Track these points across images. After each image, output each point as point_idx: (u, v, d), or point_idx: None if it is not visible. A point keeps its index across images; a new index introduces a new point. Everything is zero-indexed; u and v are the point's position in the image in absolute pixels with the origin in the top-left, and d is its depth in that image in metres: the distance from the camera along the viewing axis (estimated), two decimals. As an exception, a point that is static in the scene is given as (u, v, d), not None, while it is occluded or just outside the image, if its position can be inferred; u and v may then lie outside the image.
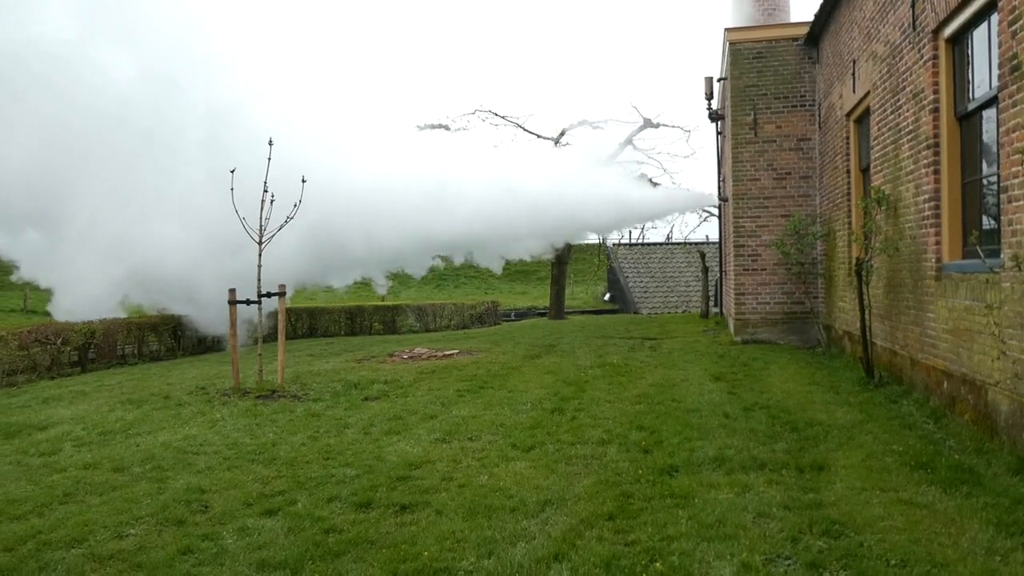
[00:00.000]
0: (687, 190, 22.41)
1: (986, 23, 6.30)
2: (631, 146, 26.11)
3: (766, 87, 13.60)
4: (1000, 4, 5.56)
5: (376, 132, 18.77)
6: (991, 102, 6.17)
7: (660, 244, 37.72)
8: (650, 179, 24.58)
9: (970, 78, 6.82)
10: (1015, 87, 5.32)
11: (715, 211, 25.15)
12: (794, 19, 15.98)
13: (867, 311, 8.79)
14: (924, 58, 7.38)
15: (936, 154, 7.24)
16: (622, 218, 19.89)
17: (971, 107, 6.71)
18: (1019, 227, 5.28)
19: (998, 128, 5.73)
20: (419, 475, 5.70)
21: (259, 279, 10.26)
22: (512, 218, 16.81)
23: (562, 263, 25.57)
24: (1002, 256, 5.59)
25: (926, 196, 7.39)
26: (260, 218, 10.05)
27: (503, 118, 26.20)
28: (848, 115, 11.00)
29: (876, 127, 9.27)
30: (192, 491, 5.47)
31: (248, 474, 5.92)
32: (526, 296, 36.89)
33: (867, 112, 9.90)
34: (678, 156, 58.32)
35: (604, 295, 36.48)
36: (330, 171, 14.75)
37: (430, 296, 33.31)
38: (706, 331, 16.28)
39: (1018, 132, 5.26)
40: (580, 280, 37.90)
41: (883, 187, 8.81)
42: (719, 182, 18.91)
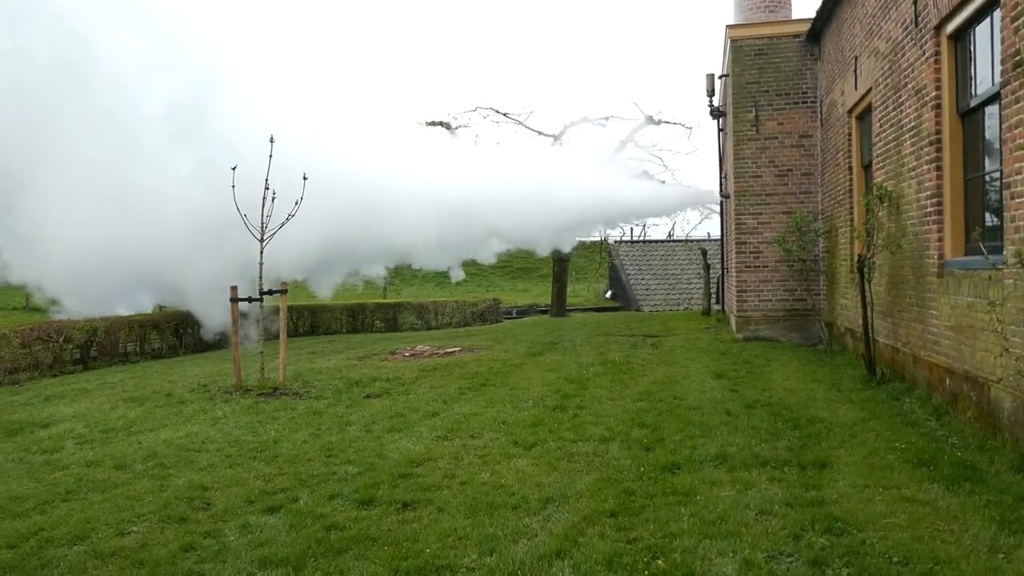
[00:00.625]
0: (688, 187, 22.38)
1: (988, 19, 6.28)
2: (633, 143, 26.09)
3: (768, 84, 13.58)
4: (1003, 0, 5.54)
5: (378, 128, 18.70)
6: (993, 98, 6.16)
7: (662, 241, 37.68)
8: (661, 179, 24.57)
9: (972, 74, 6.80)
10: (1018, 83, 5.30)
11: (717, 208, 25.12)
12: (796, 16, 15.95)
13: (869, 308, 8.78)
14: (926, 54, 7.36)
15: (938, 150, 7.23)
16: (620, 215, 19.88)
17: (973, 103, 6.69)
18: (1022, 223, 5.26)
19: (1000, 124, 5.71)
20: (421, 472, 5.70)
21: (260, 276, 10.27)
22: (513, 215, 16.79)
23: (563, 260, 25.55)
24: (1005, 253, 5.58)
25: (928, 193, 7.37)
26: (262, 215, 10.04)
27: (504, 115, 26.17)
28: (850, 112, 10.98)
29: (878, 124, 9.25)
30: (194, 488, 5.47)
31: (250, 471, 5.92)
32: (527, 294, 36.87)
33: (869, 109, 9.88)
34: (680, 153, 58.18)
35: (606, 292, 36.45)
36: (334, 168, 14.73)
37: (431, 294, 33.28)
38: (708, 328, 16.27)
39: (1021, 128, 5.24)
40: (582, 277, 37.85)
41: (885, 184, 8.80)
42: (721, 179, 18.88)
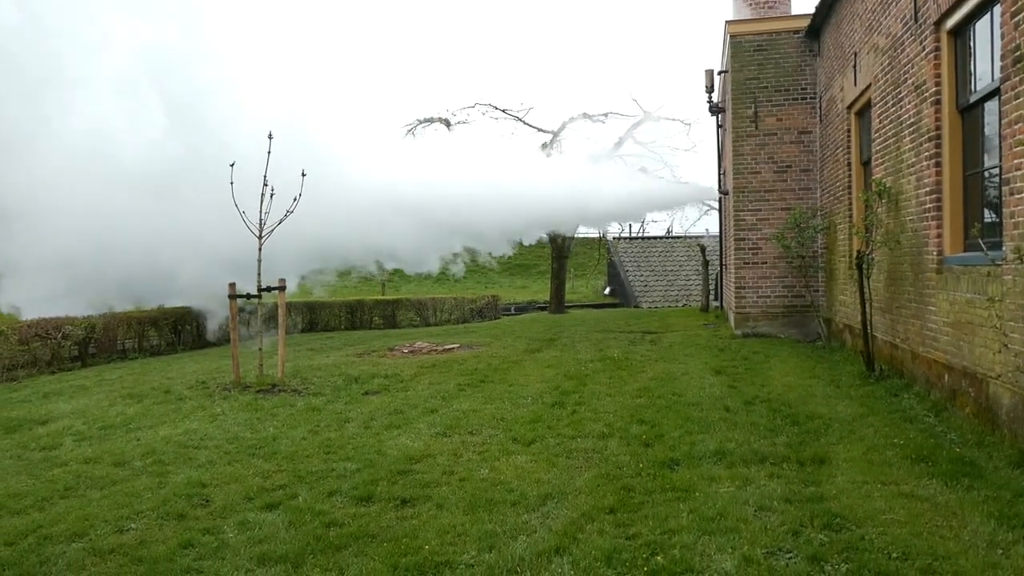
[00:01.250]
0: (687, 183, 22.37)
1: (988, 15, 6.27)
2: (632, 139, 26.09)
3: (767, 80, 13.57)
4: (1003, -5, 5.53)
5: (376, 125, 18.71)
6: (993, 94, 6.15)
7: (660, 238, 37.68)
8: (659, 175, 24.57)
9: (972, 70, 6.79)
10: (1018, 79, 5.30)
11: (716, 204, 25.12)
12: (795, 11, 15.93)
13: (868, 304, 8.78)
14: (926, 50, 7.35)
15: (938, 146, 7.22)
16: (622, 212, 19.89)
17: (973, 99, 6.68)
18: (1021, 220, 5.26)
19: (1000, 120, 5.71)
20: (420, 469, 5.70)
21: (259, 273, 10.25)
22: (508, 210, 16.78)
23: (562, 257, 25.56)
24: (1004, 249, 5.57)
25: (927, 189, 7.37)
26: (260, 212, 10.02)
27: (503, 112, 26.18)
28: (849, 108, 10.96)
29: (877, 120, 9.24)
30: (193, 485, 5.47)
31: (249, 468, 5.92)
32: (526, 290, 36.86)
33: (868, 105, 9.87)
34: (679, 149, 58.02)
35: (604, 289, 36.46)
36: (330, 165, 14.71)
37: (430, 290, 33.27)
38: (706, 325, 16.28)
39: (1020, 124, 5.23)
40: (580, 274, 37.85)
41: (884, 180, 8.79)
42: (720, 175, 18.88)
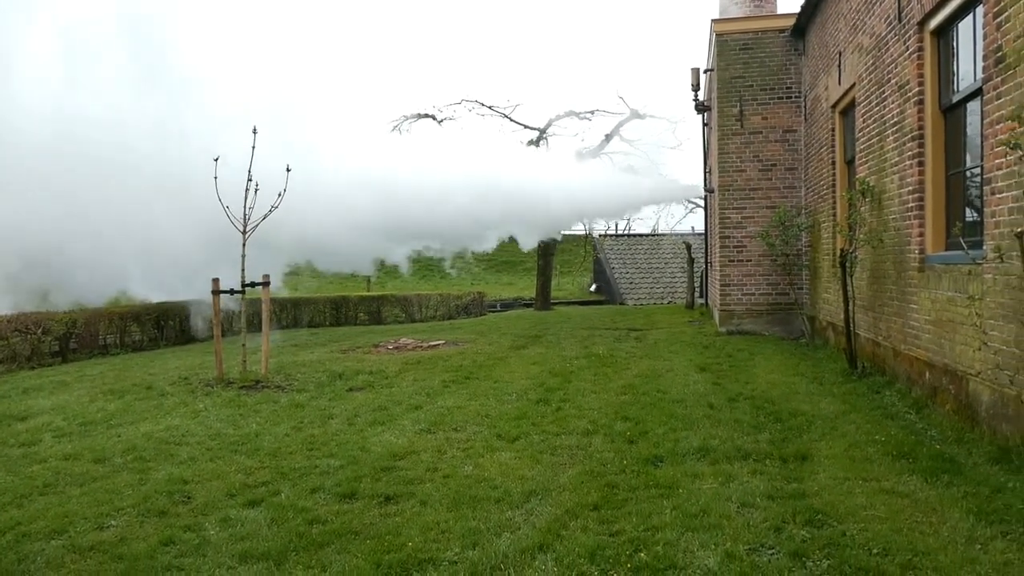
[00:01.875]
0: (673, 181, 22.46)
1: (971, 15, 6.32)
2: (618, 137, 26.13)
3: (752, 79, 13.62)
4: (985, -4, 5.57)
5: (361, 121, 18.62)
6: (975, 94, 6.19)
7: (646, 235, 37.79)
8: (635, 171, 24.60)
9: (955, 70, 6.84)
10: (999, 79, 5.34)
11: (701, 202, 25.23)
12: (781, 10, 15.99)
13: (851, 302, 8.84)
14: (909, 50, 7.40)
15: (920, 146, 7.27)
16: (606, 209, 19.93)
17: (956, 99, 6.74)
18: (1002, 219, 5.31)
19: (982, 120, 5.75)
20: (404, 466, 5.68)
21: (243, 268, 10.18)
22: (493, 209, 16.77)
23: (548, 254, 25.58)
24: (985, 248, 5.62)
25: (910, 188, 7.42)
26: (244, 208, 9.96)
27: (490, 108, 26.14)
28: (834, 107, 11.03)
29: (861, 119, 9.30)
30: (174, 482, 5.42)
31: (231, 465, 5.88)
32: (512, 287, 36.86)
33: (852, 104, 9.93)
34: (664, 147, 58.16)
35: (590, 286, 36.52)
36: (312, 162, 14.63)
37: (416, 287, 33.21)
38: (691, 322, 16.34)
39: (1002, 124, 5.28)
40: (566, 271, 37.87)
41: (868, 179, 8.85)
42: (705, 173, 18.94)
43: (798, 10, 12.47)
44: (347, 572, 3.86)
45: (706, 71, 16.64)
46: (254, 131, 9.93)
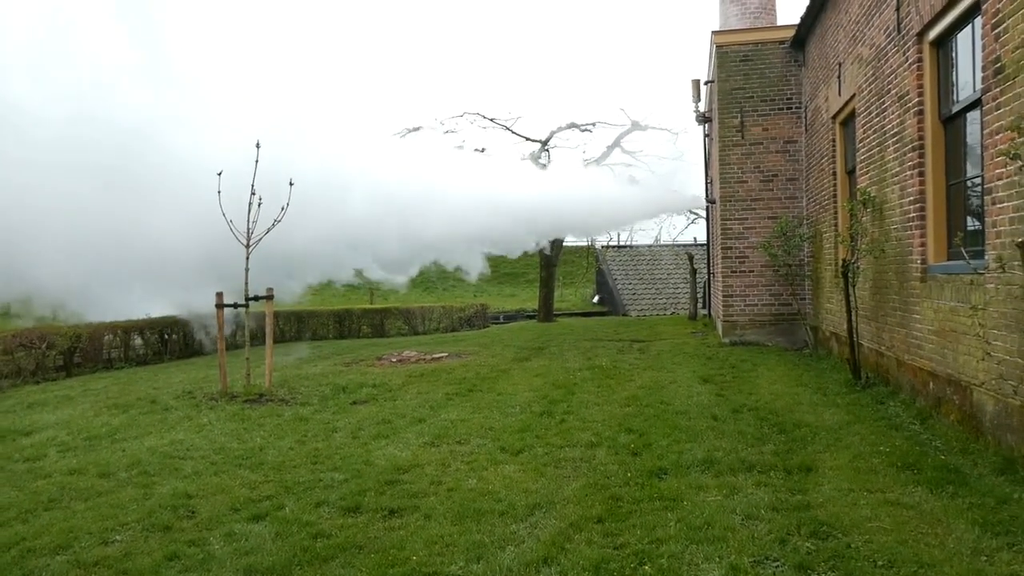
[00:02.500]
0: (675, 192, 22.47)
1: (970, 26, 6.36)
2: (619, 148, 26.20)
3: (753, 90, 13.67)
4: (984, 7, 5.61)
5: (364, 133, 18.66)
6: (975, 104, 6.22)
7: (648, 246, 37.80)
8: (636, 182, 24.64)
9: (954, 81, 6.87)
10: (999, 89, 5.37)
11: (703, 213, 25.27)
12: (780, 22, 16.06)
13: (854, 312, 8.84)
14: (909, 61, 7.43)
15: (921, 156, 7.30)
16: (609, 220, 19.96)
17: (955, 109, 6.77)
18: (1003, 229, 5.32)
19: (982, 130, 5.78)
20: (408, 479, 5.68)
21: (246, 282, 10.21)
22: (495, 220, 16.77)
23: (551, 265, 25.60)
24: (986, 257, 5.63)
25: (911, 198, 7.44)
26: (247, 221, 9.99)
27: (491, 121, 26.22)
28: (834, 117, 11.06)
29: (861, 129, 9.33)
30: (178, 496, 5.43)
31: (235, 479, 5.88)
32: (515, 299, 36.87)
33: (853, 115, 9.97)
34: (666, 158, 58.34)
35: (593, 297, 36.53)
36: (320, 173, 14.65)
37: (418, 299, 33.23)
38: (694, 333, 16.33)
39: (1002, 134, 5.30)
40: (569, 282, 37.91)
41: (869, 189, 8.87)
42: (707, 184, 18.99)
43: (797, 22, 12.54)
44: (352, 586, 3.86)
45: (707, 83, 16.70)
46: (257, 145, 9.98)
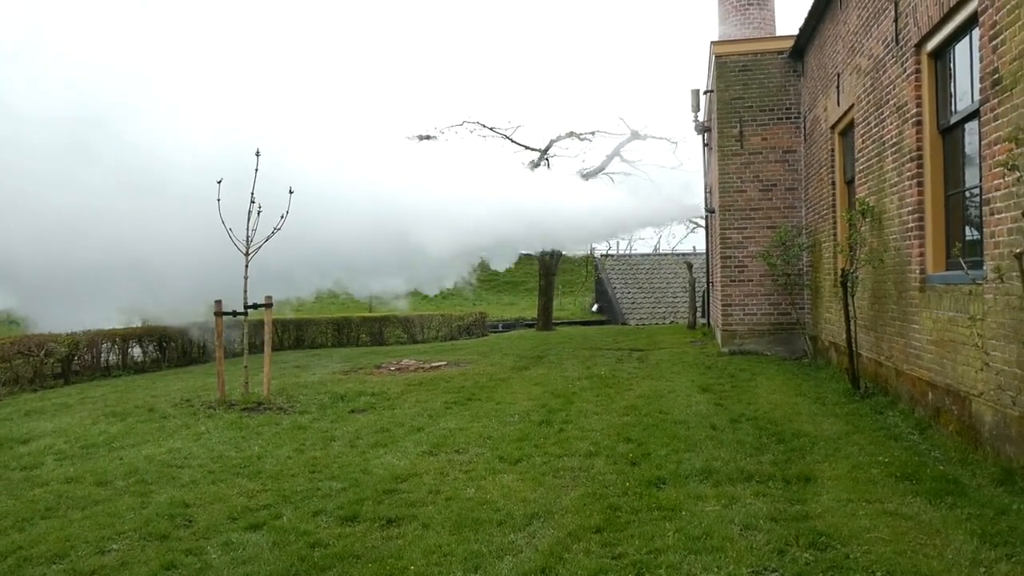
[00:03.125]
0: (674, 202, 22.50)
1: (968, 37, 6.39)
2: (619, 157, 26.24)
3: (752, 100, 13.72)
4: (981, 19, 5.63)
5: (366, 142, 18.64)
6: (973, 115, 6.25)
7: (648, 255, 37.83)
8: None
9: (952, 91, 6.90)
10: (996, 101, 5.39)
11: (702, 222, 25.29)
12: (780, 33, 16.12)
13: (852, 322, 8.84)
14: (907, 72, 7.46)
15: (919, 166, 7.31)
16: (608, 229, 19.99)
17: (953, 120, 6.79)
18: (1001, 239, 5.33)
19: (980, 141, 5.79)
20: (406, 488, 5.67)
21: (245, 290, 10.21)
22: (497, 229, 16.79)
23: (550, 274, 25.59)
24: (985, 268, 5.64)
25: (910, 208, 7.45)
26: (247, 229, 10.00)
27: (491, 129, 26.24)
28: (833, 127, 11.10)
29: (860, 139, 9.35)
30: (176, 505, 5.41)
31: (233, 488, 5.86)
32: (514, 307, 36.86)
33: (851, 125, 10.00)
34: (665, 167, 58.40)
35: (592, 306, 36.52)
36: (318, 181, 14.66)
37: (417, 307, 33.22)
38: (693, 342, 16.32)
39: (1000, 145, 5.32)
40: (568, 291, 37.91)
41: (867, 199, 8.89)
42: (706, 194, 19.01)
43: (796, 32, 12.60)
44: (349, 596, 3.84)
45: (706, 92, 16.76)
46: (257, 153, 10.00)
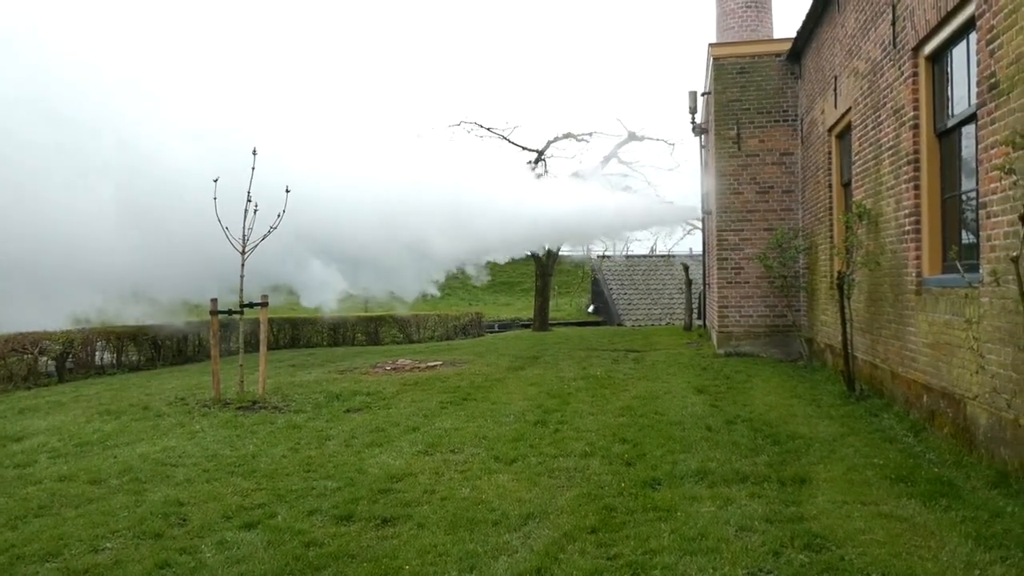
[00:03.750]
0: (671, 203, 22.57)
1: (965, 41, 6.40)
2: (616, 159, 26.27)
3: (749, 102, 13.74)
4: (978, 23, 5.65)
5: (363, 141, 18.61)
6: (970, 119, 6.26)
7: (644, 257, 37.88)
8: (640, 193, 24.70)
9: (949, 95, 6.91)
10: (993, 104, 5.40)
11: (699, 224, 25.32)
12: (777, 35, 16.16)
13: (848, 324, 8.85)
14: (904, 75, 7.48)
15: (916, 170, 7.33)
16: (605, 230, 20.02)
17: (950, 124, 6.80)
18: (997, 242, 5.34)
19: (977, 145, 5.81)
20: (401, 488, 5.66)
21: (241, 289, 10.19)
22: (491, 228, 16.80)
23: (546, 275, 25.61)
24: (981, 271, 5.65)
25: (906, 211, 7.47)
26: (243, 228, 9.98)
27: (488, 130, 26.25)
28: (830, 130, 11.11)
29: (857, 142, 9.37)
30: (170, 504, 5.39)
31: (227, 486, 5.85)
32: (510, 308, 36.87)
33: (848, 128, 10.01)
34: (662, 169, 58.42)
35: (588, 307, 36.57)
36: (315, 181, 14.63)
37: (414, 307, 33.20)
38: (689, 344, 16.34)
39: (996, 149, 5.33)
40: (564, 292, 37.95)
41: (864, 202, 8.90)
42: (703, 195, 19.03)
43: (794, 35, 12.62)
44: (343, 596, 3.83)
45: (703, 94, 16.78)
46: (254, 152, 9.98)
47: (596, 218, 18.32)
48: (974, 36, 5.89)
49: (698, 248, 28.50)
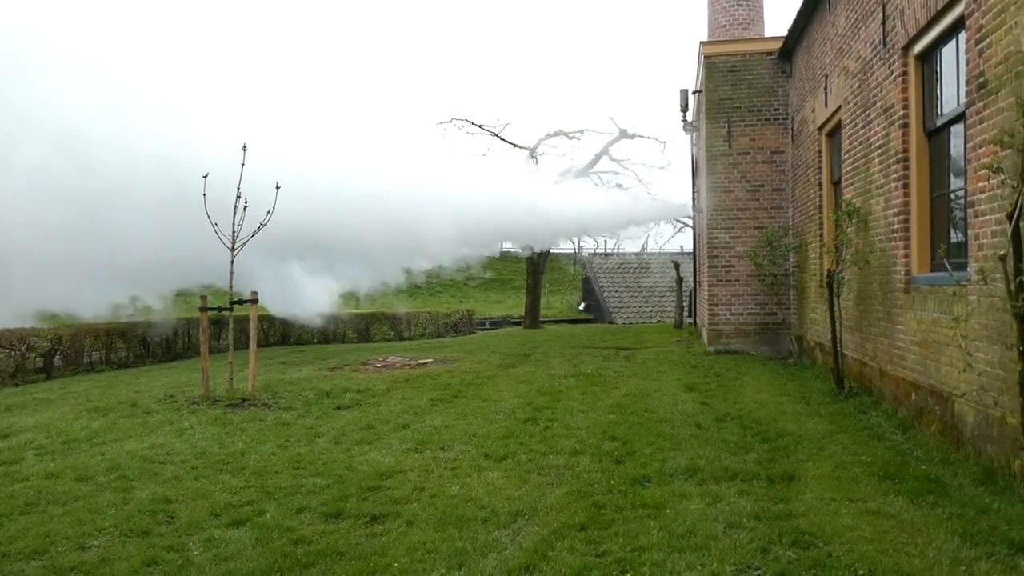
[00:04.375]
0: (661, 200, 22.59)
1: (954, 41, 6.43)
2: (607, 156, 26.28)
3: (740, 100, 13.77)
4: (968, 23, 5.67)
5: (356, 136, 18.54)
6: (959, 118, 6.29)
7: (635, 254, 37.90)
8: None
9: (939, 94, 6.94)
10: (982, 104, 5.42)
11: (690, 222, 25.38)
12: (768, 34, 16.19)
13: (838, 323, 8.89)
14: (894, 74, 7.50)
15: (905, 168, 7.36)
16: (595, 226, 20.05)
17: (940, 123, 6.83)
18: (985, 241, 5.37)
19: (965, 144, 5.83)
20: (390, 485, 5.65)
21: (231, 285, 10.15)
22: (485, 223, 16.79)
23: (537, 272, 25.60)
24: (969, 270, 5.68)
25: (896, 210, 7.50)
26: (233, 224, 9.93)
27: (480, 127, 26.21)
28: (820, 129, 11.15)
29: (847, 141, 9.40)
30: (158, 501, 5.37)
31: (216, 484, 5.82)
32: (501, 305, 36.83)
33: (838, 126, 10.05)
34: (653, 167, 58.46)
35: (579, 305, 36.58)
36: (306, 176, 14.55)
37: (404, 304, 33.14)
38: (680, 341, 16.37)
39: (985, 148, 5.35)
40: (555, 289, 37.96)
41: (854, 200, 8.93)
42: (693, 193, 19.07)
43: (785, 34, 12.64)
44: (332, 593, 3.82)
45: (695, 92, 16.78)
46: (244, 148, 9.93)
47: (587, 216, 18.32)
48: (963, 35, 5.91)
49: (689, 246, 28.60)
